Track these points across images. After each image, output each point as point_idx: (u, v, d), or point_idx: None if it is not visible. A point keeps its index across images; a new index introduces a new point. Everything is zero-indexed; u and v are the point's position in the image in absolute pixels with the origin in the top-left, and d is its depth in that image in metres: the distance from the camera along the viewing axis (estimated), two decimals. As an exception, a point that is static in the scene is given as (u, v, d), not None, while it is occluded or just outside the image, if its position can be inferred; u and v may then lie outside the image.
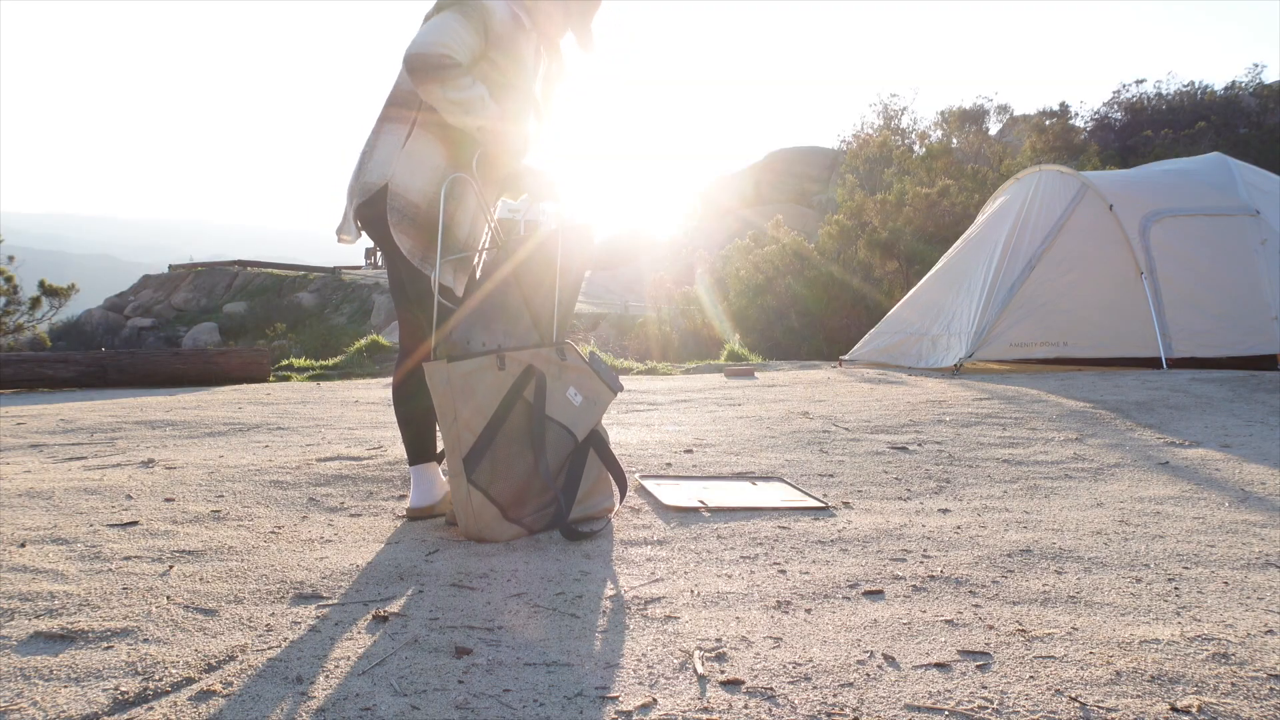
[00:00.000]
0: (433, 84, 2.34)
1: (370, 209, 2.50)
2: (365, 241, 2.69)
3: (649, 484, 2.99)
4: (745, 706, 1.39)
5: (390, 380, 8.04)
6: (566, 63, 2.74)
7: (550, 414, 2.44)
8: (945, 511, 2.68)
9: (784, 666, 1.54)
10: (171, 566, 2.08)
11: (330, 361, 10.44)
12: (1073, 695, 1.41)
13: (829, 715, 1.36)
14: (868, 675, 1.50)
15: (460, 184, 2.50)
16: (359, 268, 39.19)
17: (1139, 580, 2.02)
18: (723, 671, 1.52)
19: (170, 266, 42.80)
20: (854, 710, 1.37)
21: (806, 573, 2.08)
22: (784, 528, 2.48)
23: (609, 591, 1.96)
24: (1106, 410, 4.61)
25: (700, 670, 1.52)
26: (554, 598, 1.91)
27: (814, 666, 1.53)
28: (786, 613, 1.82)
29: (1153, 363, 6.54)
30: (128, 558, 2.14)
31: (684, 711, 1.37)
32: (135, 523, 2.46)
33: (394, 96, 2.55)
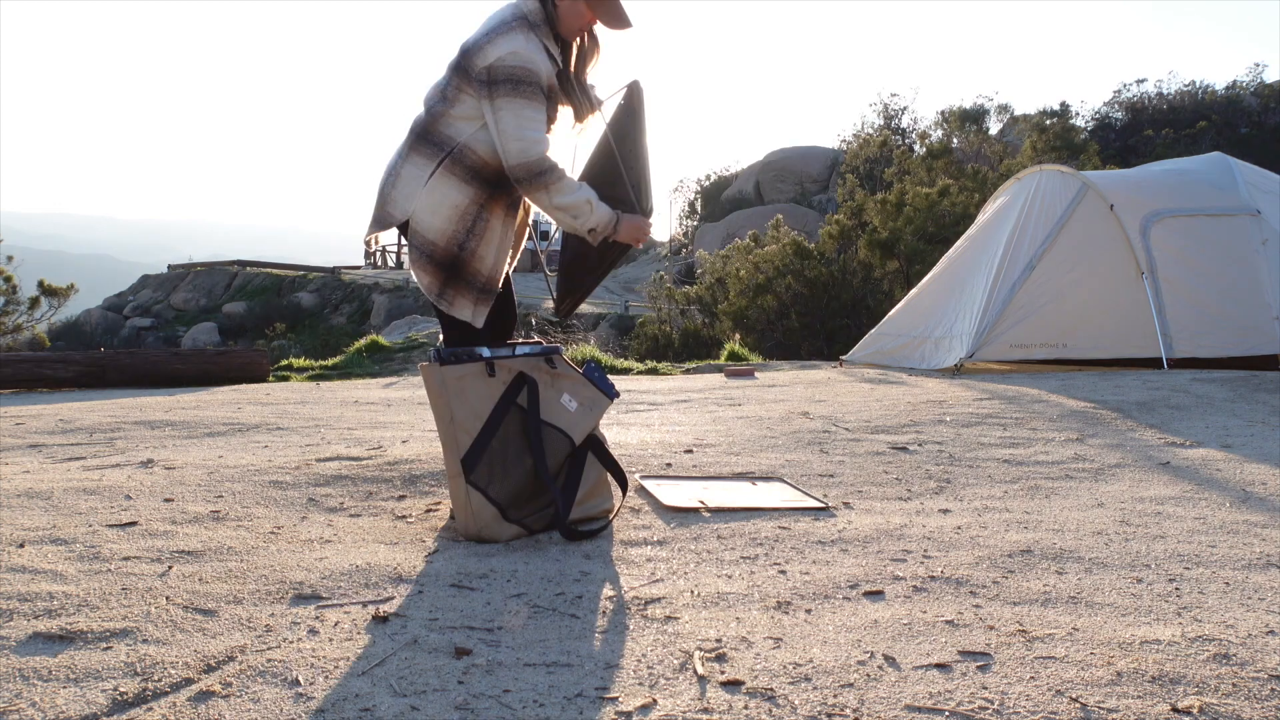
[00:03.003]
0: (539, 191, 2.44)
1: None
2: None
3: (649, 484, 2.99)
4: (745, 707, 1.38)
5: (389, 380, 8.03)
6: (599, 43, 2.70)
7: (546, 418, 2.44)
8: (946, 512, 2.67)
9: (784, 667, 1.53)
10: (171, 567, 2.08)
11: (330, 361, 10.45)
12: (1073, 696, 1.41)
13: (829, 715, 1.36)
14: (868, 675, 1.50)
15: (484, 221, 2.53)
16: (359, 268, 39.12)
17: (1140, 581, 2.01)
18: (723, 672, 1.51)
19: (169, 266, 42.70)
20: (854, 710, 1.37)
21: (806, 573, 2.07)
22: (784, 528, 2.47)
23: (609, 591, 1.95)
24: (1107, 410, 4.60)
25: (700, 670, 1.52)
26: (554, 598, 1.91)
27: (814, 667, 1.53)
28: (786, 613, 1.81)
29: (1153, 363, 6.54)
30: (127, 558, 2.14)
31: (684, 712, 1.37)
32: (134, 523, 2.45)
33: (425, 133, 2.53)
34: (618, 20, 2.59)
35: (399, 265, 39.02)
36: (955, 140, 22.28)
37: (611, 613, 1.82)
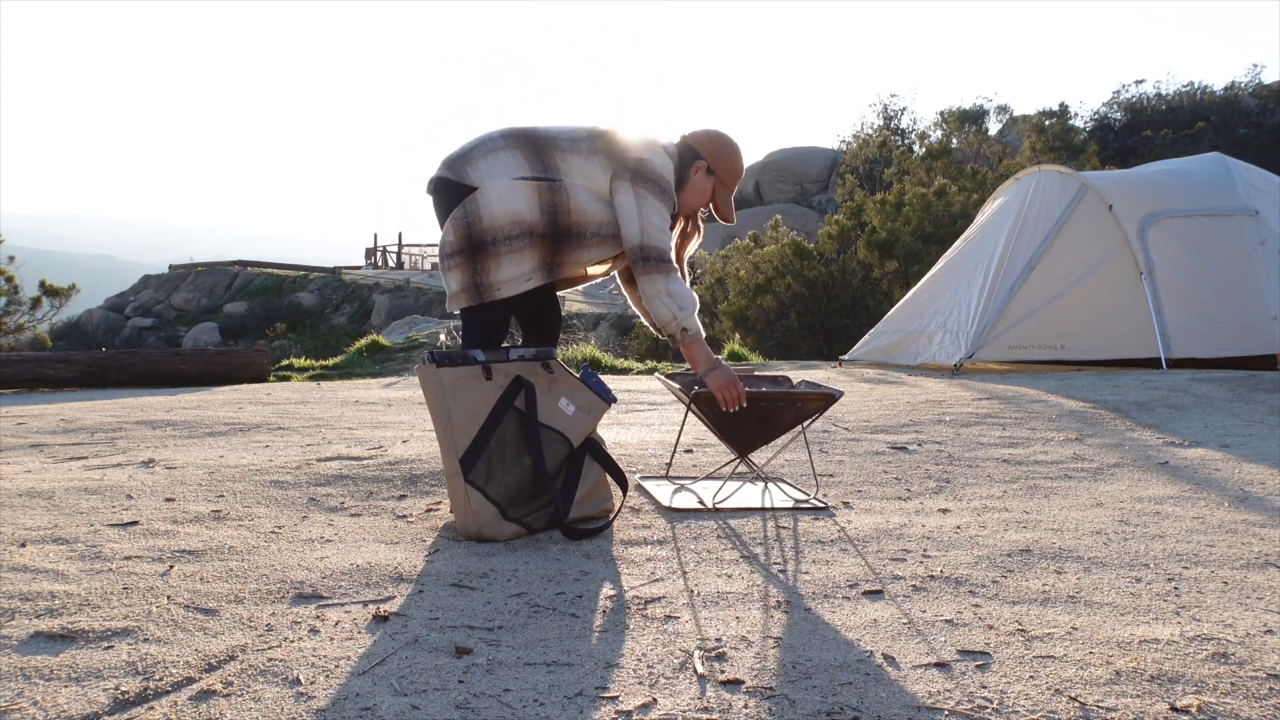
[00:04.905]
0: (658, 275, 2.53)
1: (448, 190, 2.61)
2: (368, 241, 2.75)
3: (649, 484, 2.99)
4: (745, 706, 1.39)
5: (390, 380, 8.03)
6: (700, 229, 2.90)
7: (544, 421, 2.44)
8: (945, 511, 2.68)
9: (784, 666, 1.54)
10: (172, 566, 2.08)
11: (330, 361, 10.46)
12: (1072, 695, 1.42)
13: (829, 715, 1.36)
14: (868, 675, 1.50)
15: (522, 245, 2.55)
16: (359, 268, 39.13)
17: (1139, 580, 2.02)
18: (723, 671, 1.52)
19: (171, 267, 42.70)
20: (854, 710, 1.37)
21: (806, 572, 2.08)
22: (784, 528, 2.48)
23: (609, 591, 1.96)
24: (1106, 410, 4.61)
25: (700, 670, 1.52)
26: (554, 598, 1.91)
27: (814, 666, 1.54)
28: (787, 612, 1.82)
29: (1152, 363, 6.54)
30: (128, 558, 2.14)
31: (684, 711, 1.37)
32: (135, 523, 2.46)
33: (540, 150, 2.59)
34: (728, 214, 2.79)
35: (399, 265, 39.01)
36: (954, 141, 22.30)
37: (611, 612, 1.83)
